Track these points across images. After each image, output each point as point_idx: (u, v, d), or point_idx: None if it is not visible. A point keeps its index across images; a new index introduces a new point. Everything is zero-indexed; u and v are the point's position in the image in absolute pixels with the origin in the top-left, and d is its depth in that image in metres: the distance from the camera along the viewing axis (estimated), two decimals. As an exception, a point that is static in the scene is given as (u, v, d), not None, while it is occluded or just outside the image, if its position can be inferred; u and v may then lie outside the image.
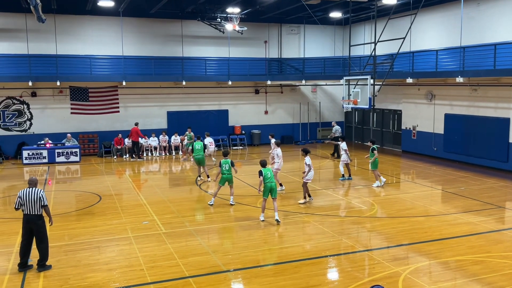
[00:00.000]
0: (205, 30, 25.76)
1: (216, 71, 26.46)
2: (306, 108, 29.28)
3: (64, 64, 23.26)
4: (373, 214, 13.09)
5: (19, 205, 9.17)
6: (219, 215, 13.11)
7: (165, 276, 8.86)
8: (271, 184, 12.24)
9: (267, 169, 12.48)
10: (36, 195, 9.09)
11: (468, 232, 11.34)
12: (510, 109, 18.56)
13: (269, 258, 9.81)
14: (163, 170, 21.32)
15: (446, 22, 21.98)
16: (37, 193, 9.11)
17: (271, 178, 12.30)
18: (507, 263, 9.33)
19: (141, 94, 25.40)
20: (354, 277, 8.76)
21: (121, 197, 15.48)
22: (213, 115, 26.99)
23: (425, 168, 20.13)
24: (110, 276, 8.89)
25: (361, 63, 24.22)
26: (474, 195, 15.11)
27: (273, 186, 12.27)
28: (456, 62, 19.94)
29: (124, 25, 24.45)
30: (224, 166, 13.89)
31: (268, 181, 12.23)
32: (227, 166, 13.89)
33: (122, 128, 24.64)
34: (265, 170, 12.38)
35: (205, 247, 10.49)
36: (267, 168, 12.49)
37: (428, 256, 9.84)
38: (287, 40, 28.66)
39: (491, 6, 19.62)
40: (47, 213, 9.25)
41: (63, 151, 22.31)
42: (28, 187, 9.24)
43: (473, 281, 8.53)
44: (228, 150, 14.81)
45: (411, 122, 24.20)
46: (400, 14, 21.35)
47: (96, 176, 19.23)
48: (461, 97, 20.87)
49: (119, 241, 10.97)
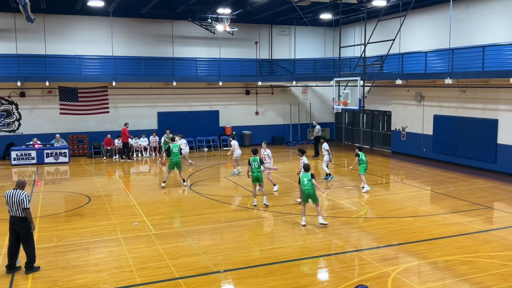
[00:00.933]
0: (196, 30, 25.73)
1: (207, 72, 26.44)
2: (297, 109, 29.34)
3: (53, 64, 23.08)
4: (362, 215, 13.15)
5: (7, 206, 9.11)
6: (210, 216, 13.09)
7: (155, 278, 8.82)
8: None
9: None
10: (19, 197, 8.95)
11: (457, 233, 11.44)
12: (498, 110, 18.77)
13: (260, 258, 9.81)
14: (153, 171, 21.25)
15: (435, 24, 22.17)
16: (19, 196, 8.96)
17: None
18: (495, 263, 9.43)
19: (131, 94, 25.28)
20: (344, 277, 8.80)
21: (111, 198, 15.39)
22: (203, 115, 26.95)
23: (414, 169, 20.27)
24: (99, 278, 8.83)
25: (351, 64, 24.33)
26: (462, 195, 15.25)
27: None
28: (445, 63, 20.12)
29: (114, 25, 24.33)
30: (253, 164, 13.78)
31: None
32: (256, 164, 13.79)
33: (112, 129, 24.50)
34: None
35: (195, 248, 10.46)
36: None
37: (417, 256, 9.92)
38: (277, 41, 28.72)
39: (480, 9, 19.82)
40: (28, 216, 9.00)
41: (52, 151, 22.12)
42: (14, 189, 9.13)
43: (462, 281, 8.60)
44: (257, 148, 14.59)
45: (400, 123, 24.36)
46: (389, 16, 21.50)
47: (86, 177, 19.10)
48: (450, 99, 21.06)
49: (108, 242, 10.91)
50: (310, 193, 11.93)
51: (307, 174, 12.10)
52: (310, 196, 11.98)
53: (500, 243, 10.70)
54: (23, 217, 8.99)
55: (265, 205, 13.85)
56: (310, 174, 12.07)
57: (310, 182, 11.96)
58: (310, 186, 11.92)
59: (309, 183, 11.95)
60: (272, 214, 13.17)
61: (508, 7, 18.42)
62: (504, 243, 10.69)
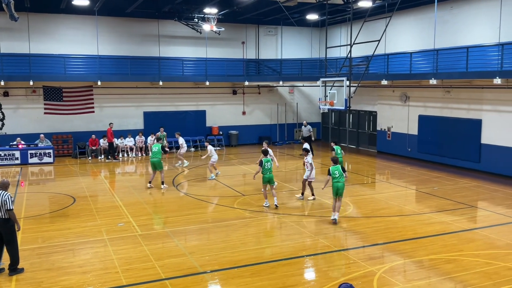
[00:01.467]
0: (182, 30, 25.63)
1: (194, 72, 26.34)
2: (284, 109, 29.40)
3: (37, 63, 22.80)
4: (348, 214, 13.22)
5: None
6: (197, 216, 13.05)
7: (140, 279, 8.77)
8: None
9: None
10: (1, 198, 8.82)
11: (441, 231, 11.57)
12: (482, 110, 19.02)
13: (246, 258, 9.80)
14: (139, 171, 21.11)
15: (420, 25, 22.39)
16: (2, 197, 8.83)
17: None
18: (479, 262, 9.55)
19: (117, 94, 25.08)
20: (330, 277, 8.84)
21: (96, 199, 15.25)
22: (190, 115, 26.86)
23: (400, 169, 20.45)
24: (84, 279, 8.75)
25: (337, 64, 24.45)
26: (447, 195, 15.42)
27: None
28: (429, 64, 20.33)
29: (100, 24, 24.12)
30: (266, 165, 13.47)
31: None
32: (268, 165, 13.48)
33: (98, 129, 24.27)
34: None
35: (182, 248, 10.42)
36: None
37: (402, 255, 10.00)
38: (264, 41, 28.74)
39: (464, 10, 20.07)
40: (12, 218, 8.89)
41: (36, 152, 21.85)
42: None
43: (446, 280, 8.70)
44: (267, 149, 14.41)
45: (386, 123, 24.56)
46: (375, 17, 21.65)
47: (70, 178, 18.90)
48: (434, 99, 21.29)
49: (93, 243, 10.81)
50: (339, 186, 12.00)
51: (337, 167, 12.12)
52: (340, 190, 12.02)
53: (484, 241, 10.84)
54: (7, 218, 8.86)
55: (276, 207, 13.60)
56: (341, 167, 12.12)
57: (341, 175, 12.02)
58: (342, 179, 11.99)
59: (341, 176, 12.00)
60: (259, 214, 13.18)
61: (492, 9, 18.68)
62: (488, 241, 10.84)
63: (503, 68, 16.84)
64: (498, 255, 9.93)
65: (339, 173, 12.05)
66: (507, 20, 17.87)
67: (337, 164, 12.25)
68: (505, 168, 18.10)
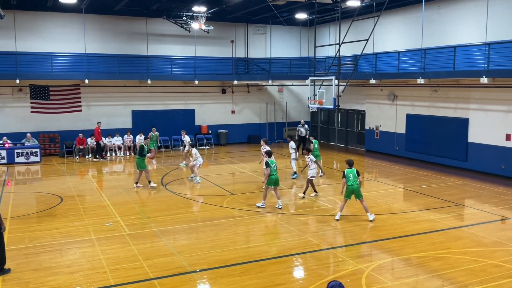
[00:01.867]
0: (171, 28, 25.52)
1: (182, 70, 26.23)
2: (273, 107, 29.42)
3: (24, 61, 22.53)
4: (337, 212, 13.25)
5: None
6: (185, 216, 13.01)
7: (129, 278, 8.71)
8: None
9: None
10: None
11: (429, 229, 11.66)
12: (469, 109, 19.21)
13: (235, 257, 9.79)
14: (127, 170, 20.97)
15: (408, 25, 22.54)
16: None
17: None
18: (466, 259, 9.65)
19: (104, 92, 24.89)
20: (319, 275, 8.86)
21: (84, 198, 15.13)
22: (179, 114, 26.75)
23: (388, 167, 20.58)
24: (72, 279, 8.67)
25: (326, 64, 24.53)
26: (434, 193, 15.55)
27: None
28: (417, 63, 20.48)
29: (87, 22, 23.91)
30: (272, 166, 13.37)
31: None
32: (274, 166, 13.45)
33: (85, 128, 24.07)
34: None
35: (171, 248, 10.38)
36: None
37: (390, 253, 10.07)
38: (253, 40, 28.72)
39: (451, 10, 20.24)
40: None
41: (22, 151, 21.61)
42: None
43: (434, 277, 8.77)
44: (271, 150, 14.48)
45: (374, 122, 24.70)
46: (363, 16, 21.75)
47: (58, 177, 18.72)
48: (422, 98, 21.45)
49: (81, 243, 10.72)
50: (354, 189, 12.12)
51: (352, 170, 12.25)
52: (354, 192, 12.13)
53: (471, 239, 10.95)
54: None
55: (280, 209, 13.42)
56: (355, 170, 12.24)
57: (355, 178, 12.12)
58: (356, 182, 12.10)
59: (355, 179, 12.10)
60: (248, 213, 13.17)
61: (479, 9, 18.86)
62: (475, 239, 10.95)
63: (489, 68, 17.02)
64: (485, 252, 10.05)
65: (354, 176, 12.17)
66: (493, 20, 18.07)
67: (352, 167, 12.38)
68: (491, 167, 18.30)
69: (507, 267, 9.16)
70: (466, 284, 8.44)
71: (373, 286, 8.36)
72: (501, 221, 12.56)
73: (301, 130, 24.11)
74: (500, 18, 17.94)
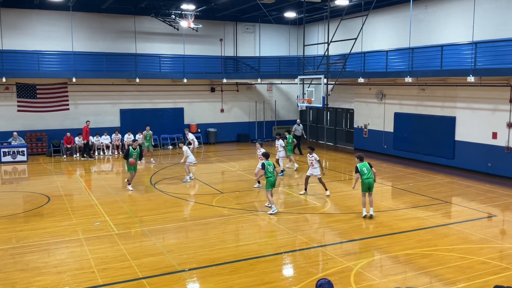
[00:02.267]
0: (159, 26, 25.36)
1: (171, 69, 26.11)
2: (262, 106, 29.43)
3: (10, 59, 22.26)
4: (326, 211, 13.32)
5: None
6: (174, 215, 12.97)
7: (117, 278, 8.66)
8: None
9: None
10: None
11: (417, 227, 11.76)
12: (456, 108, 19.39)
13: (225, 256, 9.79)
14: (115, 170, 20.84)
15: (396, 24, 22.68)
16: None
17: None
18: (453, 256, 9.75)
19: (92, 91, 24.68)
20: (308, 273, 8.89)
21: (71, 198, 15.00)
22: (168, 113, 26.63)
23: (376, 165, 20.55)
24: (59, 279, 8.60)
25: (315, 62, 24.59)
26: (422, 191, 15.68)
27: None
28: (405, 62, 20.63)
29: (74, 20, 23.69)
30: (268, 168, 12.94)
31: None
32: (271, 168, 13.03)
33: (72, 126, 23.87)
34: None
35: (160, 247, 10.34)
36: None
37: (378, 250, 10.14)
38: (242, 39, 28.69)
39: (439, 9, 20.41)
40: None
41: (9, 150, 21.36)
42: None
43: (422, 274, 8.85)
44: (268, 152, 14.02)
45: (362, 121, 24.82)
46: (352, 15, 21.84)
47: (45, 176, 18.54)
48: (409, 97, 21.61)
49: (69, 243, 10.63)
50: (371, 183, 12.16)
51: (364, 164, 12.25)
52: (371, 186, 12.15)
53: (458, 236, 11.07)
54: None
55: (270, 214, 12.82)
56: (368, 164, 12.25)
57: (369, 171, 12.12)
58: (371, 175, 12.12)
59: (369, 173, 12.09)
60: (237, 211, 13.17)
61: (466, 8, 19.04)
62: (462, 236, 11.07)
63: (476, 66, 17.19)
64: (472, 249, 10.16)
65: (367, 169, 12.20)
66: (480, 20, 18.25)
67: (363, 161, 12.38)
68: (478, 165, 18.50)
69: (493, 264, 9.27)
70: (454, 280, 8.53)
71: (361, 283, 8.42)
72: (487, 218, 12.71)
73: (297, 130, 24.03)
74: (487, 17, 18.13)
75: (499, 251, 10.11)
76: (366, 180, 12.16)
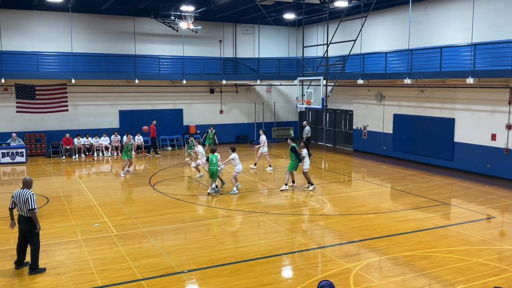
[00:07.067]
0: (159, 28, 25.37)
1: (170, 70, 26.11)
2: (261, 107, 29.43)
3: (9, 60, 22.25)
4: (325, 212, 13.32)
5: (13, 205, 9.13)
6: (173, 216, 12.95)
7: (116, 279, 8.65)
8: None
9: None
10: (24, 197, 8.89)
11: (416, 228, 11.76)
12: (455, 109, 19.41)
13: (224, 258, 9.78)
14: (114, 171, 20.82)
15: (395, 26, 22.71)
16: (25, 195, 8.92)
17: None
18: (452, 258, 9.75)
19: (91, 92, 24.67)
20: (307, 274, 8.89)
21: (70, 199, 14.98)
22: (167, 114, 26.63)
23: (375, 167, 20.71)
24: (58, 281, 8.59)
25: (314, 64, 24.58)
26: (421, 192, 15.69)
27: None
28: (404, 64, 20.64)
29: (74, 21, 23.68)
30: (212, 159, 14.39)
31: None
32: (214, 159, 14.51)
33: (71, 128, 23.86)
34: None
35: (159, 248, 10.33)
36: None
37: (378, 252, 10.13)
38: (242, 40, 28.70)
39: (438, 11, 20.44)
40: (33, 217, 8.91)
41: (8, 151, 21.33)
42: (21, 188, 9.10)
43: (421, 276, 8.85)
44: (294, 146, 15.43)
45: (361, 122, 24.84)
46: (351, 17, 21.86)
47: (44, 177, 18.52)
48: (409, 98, 21.62)
49: (68, 244, 10.62)
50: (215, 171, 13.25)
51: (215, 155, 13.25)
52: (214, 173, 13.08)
53: (457, 238, 11.07)
54: (28, 217, 8.90)
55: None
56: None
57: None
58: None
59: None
60: (236, 213, 13.16)
61: (465, 10, 19.07)
62: (461, 238, 11.07)
63: (475, 68, 17.21)
64: (471, 251, 10.16)
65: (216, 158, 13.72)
66: (479, 21, 18.28)
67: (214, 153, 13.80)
68: (477, 166, 18.51)
69: (492, 265, 9.27)
70: (453, 282, 8.53)
71: (361, 285, 8.41)
72: (486, 219, 12.72)
73: (304, 131, 23.88)
74: (485, 19, 18.16)
75: (498, 252, 10.11)
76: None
